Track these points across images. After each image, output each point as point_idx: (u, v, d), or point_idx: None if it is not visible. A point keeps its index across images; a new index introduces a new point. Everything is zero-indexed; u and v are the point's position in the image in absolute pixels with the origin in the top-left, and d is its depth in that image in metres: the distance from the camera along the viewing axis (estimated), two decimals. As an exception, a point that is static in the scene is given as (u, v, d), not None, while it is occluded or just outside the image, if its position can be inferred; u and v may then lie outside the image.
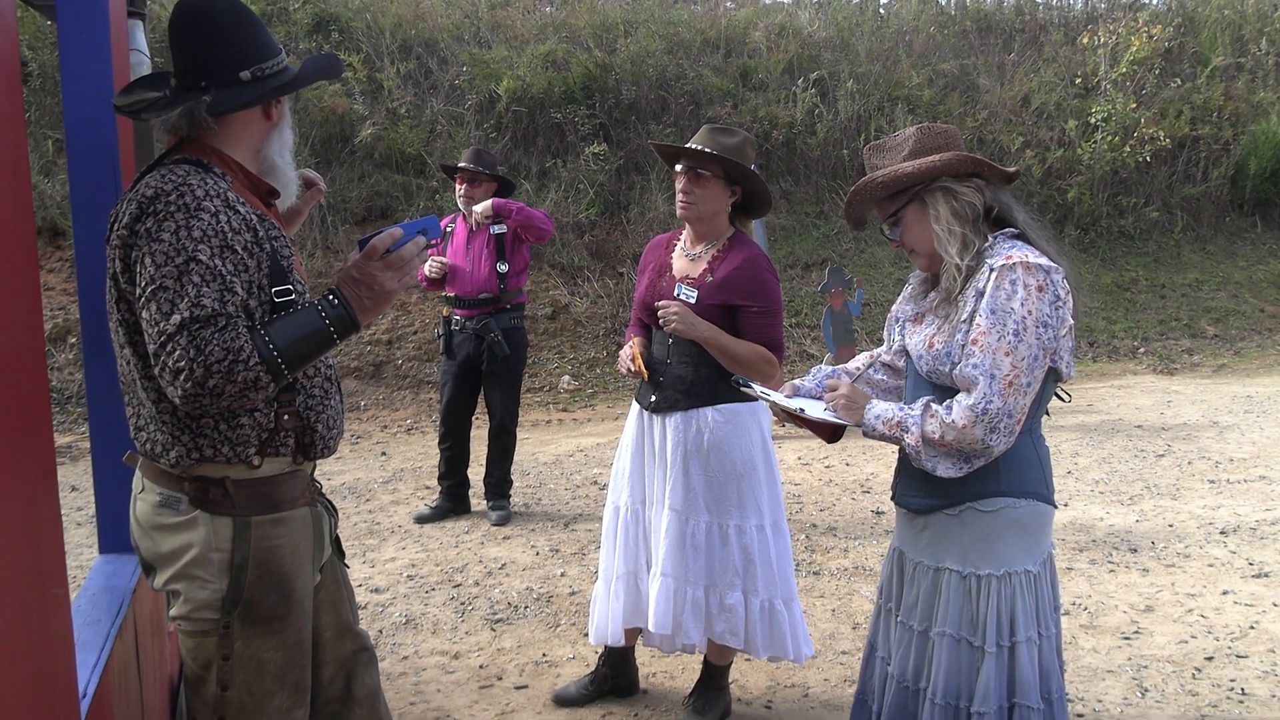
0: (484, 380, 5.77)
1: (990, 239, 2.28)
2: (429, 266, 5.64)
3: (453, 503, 5.89)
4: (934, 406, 2.21)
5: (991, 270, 2.18)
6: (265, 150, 2.14)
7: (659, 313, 3.22)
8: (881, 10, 15.48)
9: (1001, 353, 2.12)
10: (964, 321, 2.21)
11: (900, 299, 2.55)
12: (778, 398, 2.51)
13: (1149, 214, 12.83)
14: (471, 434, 5.94)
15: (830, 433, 2.49)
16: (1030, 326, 2.13)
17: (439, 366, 6.27)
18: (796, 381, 2.62)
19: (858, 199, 2.38)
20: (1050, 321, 2.15)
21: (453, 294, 5.70)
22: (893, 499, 2.50)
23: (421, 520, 5.79)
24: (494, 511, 5.81)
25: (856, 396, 2.38)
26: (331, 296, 2.00)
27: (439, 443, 5.90)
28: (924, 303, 2.39)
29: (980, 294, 2.18)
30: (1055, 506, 2.37)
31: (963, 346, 2.19)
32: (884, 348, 2.64)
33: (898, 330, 2.52)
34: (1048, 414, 2.40)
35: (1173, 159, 13.15)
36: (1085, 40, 13.87)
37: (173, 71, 2.09)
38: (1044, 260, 2.18)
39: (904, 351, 2.48)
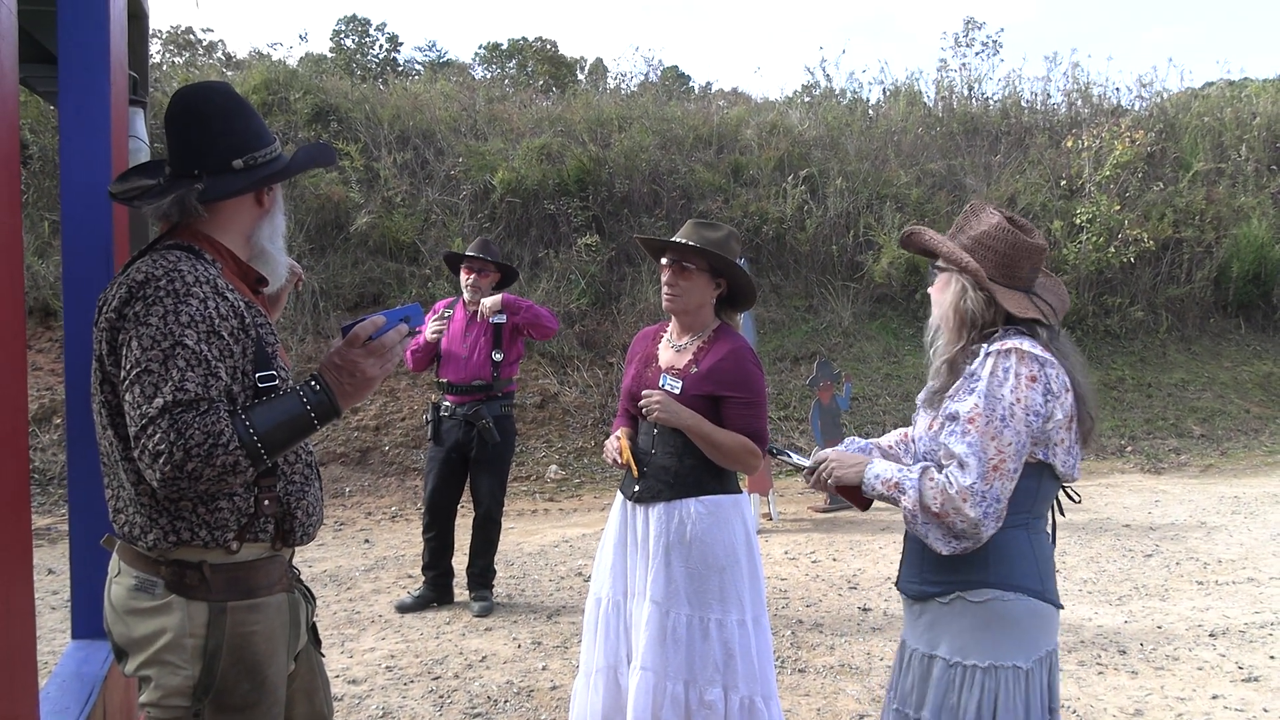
0: (471, 468, 5.75)
1: (1002, 330, 2.30)
2: (428, 331, 5.68)
3: (436, 592, 5.81)
4: (934, 472, 2.22)
5: (987, 355, 2.22)
6: (256, 236, 2.17)
7: (641, 402, 3.24)
8: (870, 111, 15.86)
9: (989, 437, 2.15)
10: (949, 397, 2.25)
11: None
12: (806, 463, 2.53)
13: (1134, 314, 12.98)
14: (456, 523, 5.89)
15: (860, 500, 2.47)
16: (1019, 414, 2.15)
17: (426, 453, 6.25)
18: (826, 450, 2.62)
19: (916, 238, 2.45)
20: (1041, 410, 2.17)
21: (445, 379, 5.71)
22: (896, 585, 2.50)
23: (403, 609, 5.71)
24: (476, 602, 5.73)
25: (845, 458, 2.39)
26: (314, 382, 2.01)
27: (423, 532, 5.85)
28: (929, 389, 2.42)
29: (972, 375, 2.23)
30: (1057, 605, 2.34)
31: (947, 419, 2.22)
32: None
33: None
34: (1062, 513, 2.41)
35: (1157, 260, 13.36)
36: (1069, 144, 14.20)
37: (167, 159, 2.13)
38: (1039, 351, 2.21)
39: (912, 439, 2.51)
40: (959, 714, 2.24)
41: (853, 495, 2.45)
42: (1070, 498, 2.42)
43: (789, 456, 2.60)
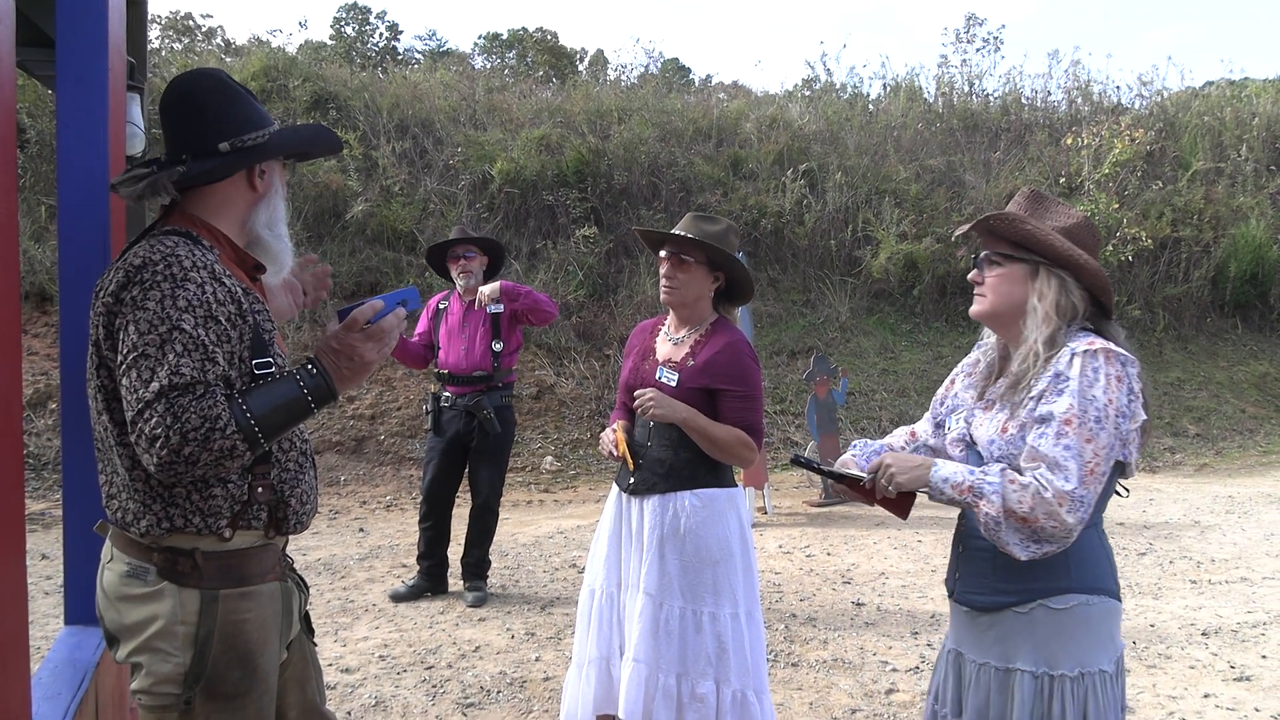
0: (470, 458, 5.75)
1: (1071, 328, 2.25)
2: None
3: (430, 582, 5.81)
4: (1015, 475, 2.11)
5: (1074, 354, 2.14)
6: (252, 223, 2.15)
7: (636, 402, 3.24)
8: (870, 106, 15.84)
9: (1084, 439, 2.07)
10: (1032, 398, 2.16)
11: (955, 386, 2.49)
12: (844, 470, 2.39)
13: (1131, 312, 12.99)
14: (452, 513, 5.89)
15: (901, 508, 2.34)
16: (1111, 415, 2.09)
17: (424, 443, 6.24)
18: (844, 457, 2.52)
19: (989, 225, 2.30)
20: (1126, 412, 2.12)
21: (445, 370, 5.71)
22: (951, 597, 2.39)
23: (397, 598, 5.71)
24: (470, 592, 5.73)
25: (904, 460, 2.26)
26: (310, 366, 2.01)
27: (420, 521, 5.85)
28: (993, 390, 2.32)
29: (1059, 375, 2.14)
30: (1122, 603, 2.28)
31: (1036, 421, 2.14)
32: (924, 426, 2.56)
33: (954, 419, 2.42)
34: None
35: (1154, 259, 13.36)
36: (1069, 141, 14.20)
37: (164, 148, 2.12)
38: (1123, 351, 2.16)
39: (963, 441, 2.37)
40: None
41: (896, 504, 2.33)
42: (1118, 494, 2.33)
43: (842, 469, 2.41)
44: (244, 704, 2.00)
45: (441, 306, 5.83)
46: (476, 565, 5.82)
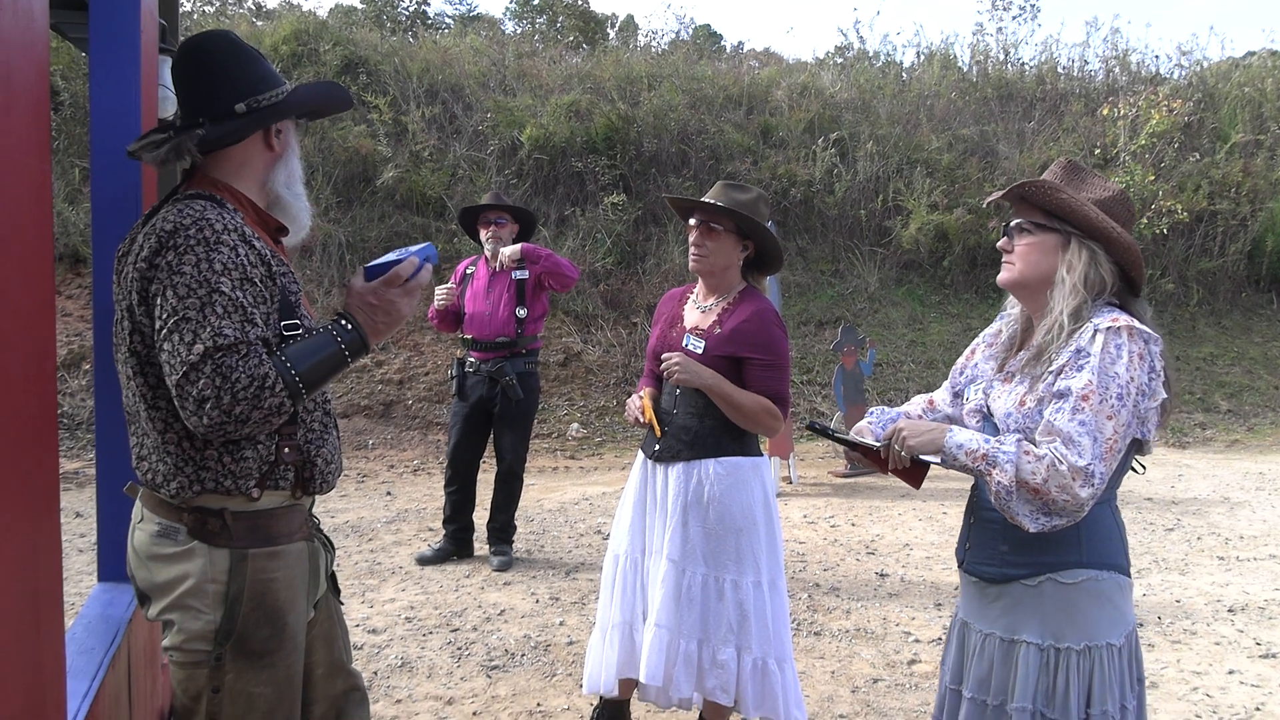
0: (495, 424, 5.78)
1: (1095, 303, 2.22)
2: (437, 298, 5.69)
3: (456, 546, 5.86)
4: (1031, 446, 2.10)
5: (1097, 330, 2.12)
6: (271, 183, 2.17)
7: (662, 365, 3.25)
8: (903, 75, 15.65)
9: (1104, 416, 2.06)
10: (1052, 372, 2.15)
11: (976, 356, 2.47)
12: (858, 438, 2.38)
13: (1165, 286, 12.83)
14: (478, 478, 5.93)
15: (914, 477, 2.34)
16: (1131, 393, 2.08)
17: (450, 408, 6.29)
18: (860, 424, 2.50)
19: (1023, 192, 2.26)
20: (1147, 390, 2.11)
21: (469, 336, 5.73)
22: (961, 567, 2.39)
23: (423, 561, 5.77)
24: (496, 556, 5.78)
25: (918, 426, 2.25)
26: (344, 321, 2.05)
27: (445, 485, 5.89)
28: (1014, 362, 2.31)
29: (1080, 351, 2.12)
30: (1132, 579, 2.27)
31: (1055, 396, 2.12)
32: (942, 395, 2.55)
33: (973, 389, 2.41)
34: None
35: (1190, 232, 13.17)
36: (1105, 112, 13.97)
37: (178, 112, 2.14)
38: (1146, 328, 2.14)
39: (980, 412, 2.36)
40: (1054, 698, 2.17)
41: (910, 473, 2.32)
42: (1134, 470, 2.31)
43: (856, 437, 2.40)
44: (273, 661, 2.04)
45: (469, 271, 5.85)
46: (502, 530, 5.86)
